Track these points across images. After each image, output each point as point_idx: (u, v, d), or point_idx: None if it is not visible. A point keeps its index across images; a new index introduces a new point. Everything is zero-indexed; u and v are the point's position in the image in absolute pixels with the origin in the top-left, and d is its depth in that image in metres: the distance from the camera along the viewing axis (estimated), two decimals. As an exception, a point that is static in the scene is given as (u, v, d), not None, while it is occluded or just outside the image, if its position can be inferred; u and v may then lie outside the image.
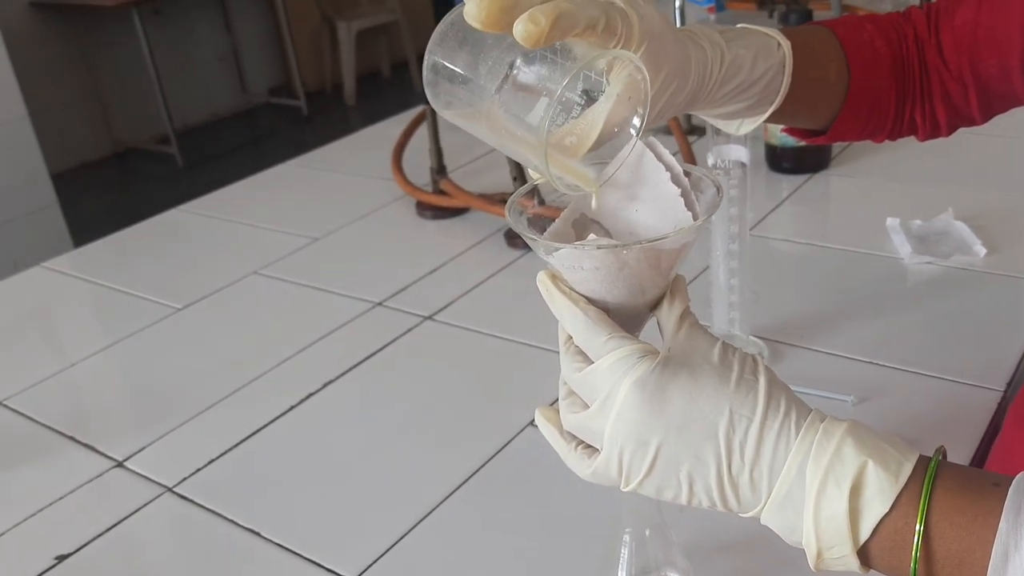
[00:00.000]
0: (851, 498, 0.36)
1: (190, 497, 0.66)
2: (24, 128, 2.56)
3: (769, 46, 0.50)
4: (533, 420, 0.70)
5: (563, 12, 0.37)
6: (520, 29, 0.37)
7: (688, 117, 1.27)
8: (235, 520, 0.63)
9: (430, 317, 0.87)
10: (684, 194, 0.42)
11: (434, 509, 0.62)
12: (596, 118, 0.42)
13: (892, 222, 0.91)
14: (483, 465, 0.66)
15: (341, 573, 0.58)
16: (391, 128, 1.38)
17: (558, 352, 0.78)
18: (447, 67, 0.41)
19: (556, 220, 0.44)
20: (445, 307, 0.89)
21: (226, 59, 4.52)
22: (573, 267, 0.41)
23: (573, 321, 0.41)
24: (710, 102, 0.48)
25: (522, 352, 0.80)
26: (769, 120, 0.53)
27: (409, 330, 0.86)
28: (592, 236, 0.41)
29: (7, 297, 1.04)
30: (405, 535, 0.60)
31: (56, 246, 2.55)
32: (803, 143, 0.60)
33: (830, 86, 0.55)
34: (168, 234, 1.16)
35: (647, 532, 0.50)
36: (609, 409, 0.39)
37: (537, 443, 0.68)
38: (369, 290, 0.94)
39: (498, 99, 0.40)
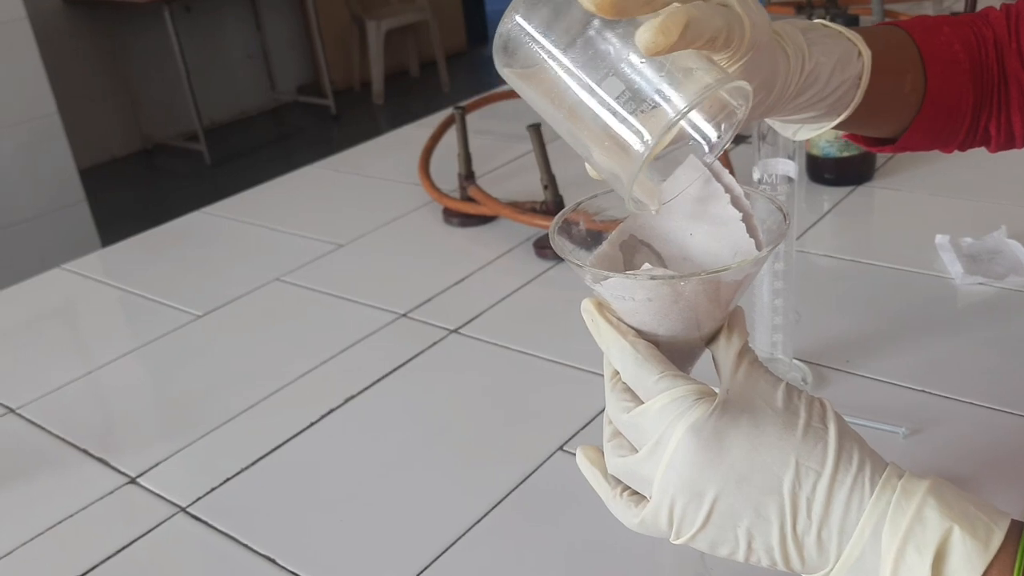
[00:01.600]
0: (934, 567, 0.32)
1: (204, 518, 0.64)
2: (54, 124, 2.56)
3: (849, 55, 0.46)
4: (563, 445, 0.67)
5: (692, 22, 0.34)
6: (647, 38, 0.33)
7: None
8: (250, 545, 0.61)
9: (456, 330, 0.84)
10: (746, 218, 0.39)
11: (457, 540, 0.59)
12: (666, 130, 0.38)
13: (941, 239, 0.87)
14: (510, 493, 0.63)
15: (359, 607, 0.55)
16: (419, 131, 1.35)
17: (591, 372, 0.75)
18: (532, 32, 0.36)
19: (603, 243, 0.41)
20: (472, 320, 0.86)
21: (255, 57, 4.53)
22: (623, 297, 0.37)
23: (621, 356, 0.38)
24: (779, 112, 0.45)
25: (553, 371, 0.76)
26: (832, 128, 0.49)
27: (434, 343, 0.83)
28: (646, 265, 0.38)
29: (25, 300, 1.02)
30: (426, 568, 0.57)
31: (83, 242, 2.55)
32: (845, 154, 0.56)
33: (905, 96, 0.51)
34: (191, 237, 1.14)
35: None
36: (660, 455, 0.35)
37: (568, 471, 0.64)
38: (394, 300, 0.91)
39: (588, 85, 0.36)
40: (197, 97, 3.87)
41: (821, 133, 0.51)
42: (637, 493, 0.38)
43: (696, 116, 0.39)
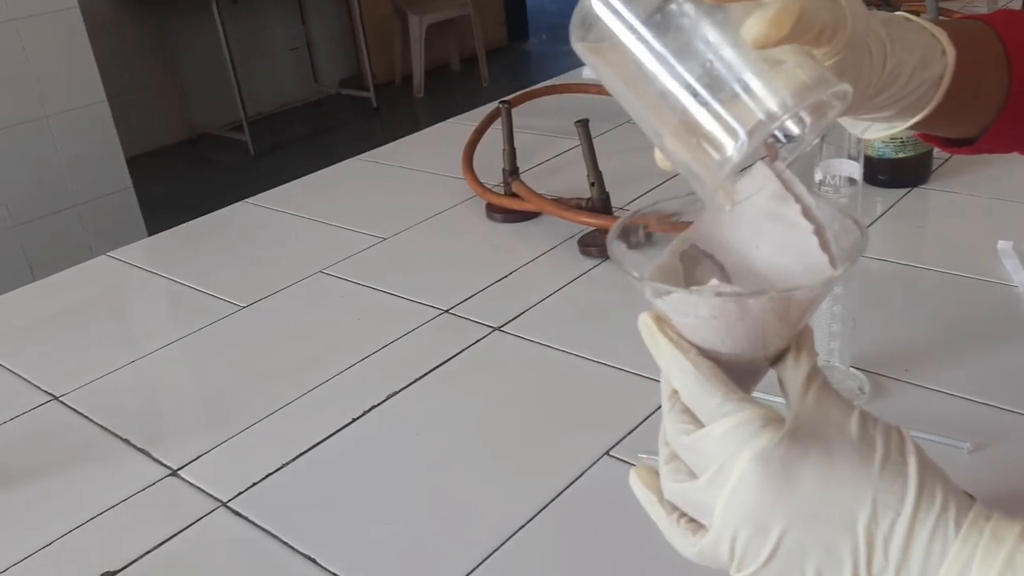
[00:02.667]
0: None
1: (245, 514, 0.63)
2: (103, 112, 2.59)
3: (933, 52, 0.43)
4: (609, 450, 0.66)
5: (803, 15, 0.32)
6: (758, 31, 0.32)
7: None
8: (291, 543, 0.60)
9: (499, 328, 0.83)
10: (819, 232, 0.36)
11: (499, 547, 0.58)
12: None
13: (1004, 245, 0.84)
14: (554, 499, 0.61)
15: (399, 611, 0.54)
16: (461, 126, 1.34)
17: (638, 375, 0.73)
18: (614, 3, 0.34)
19: (664, 252, 0.39)
20: (515, 318, 0.84)
21: (299, 49, 4.55)
22: (684, 313, 0.36)
23: (682, 375, 0.36)
24: (854, 112, 0.42)
25: (598, 372, 0.75)
26: (906, 128, 0.47)
27: (477, 341, 0.81)
28: (713, 281, 0.36)
29: (70, 287, 1.02)
30: (468, 575, 0.56)
31: (129, 230, 2.58)
32: (901, 155, 0.53)
33: (987, 96, 0.48)
34: (235, 227, 1.14)
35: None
36: (722, 484, 0.33)
37: (614, 477, 0.63)
38: (436, 296, 0.89)
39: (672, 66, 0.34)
40: (242, 88, 3.90)
41: (854, 141, 0.48)
42: (695, 521, 0.36)
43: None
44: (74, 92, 2.51)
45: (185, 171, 3.93)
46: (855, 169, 0.61)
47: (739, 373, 0.37)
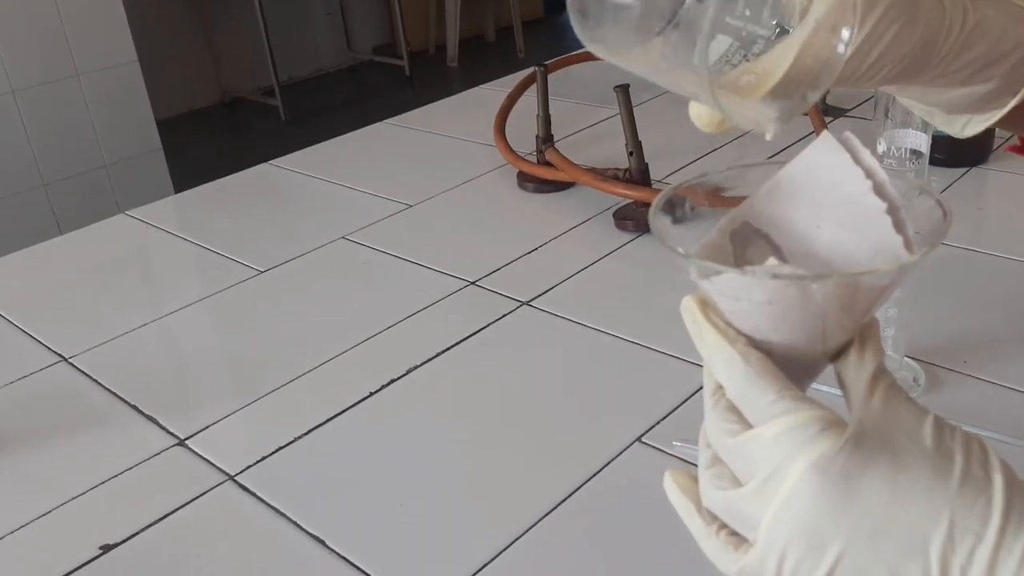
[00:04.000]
0: None
1: (253, 489, 0.60)
2: (133, 72, 2.57)
3: None
4: (641, 436, 0.61)
5: None
6: None
7: (824, 94, 1.14)
8: (299, 523, 0.56)
9: (528, 303, 0.79)
10: (892, 211, 0.32)
11: (523, 534, 0.54)
12: (786, 51, 0.31)
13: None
14: (581, 485, 0.57)
15: (411, 602, 0.50)
16: (495, 92, 1.29)
17: (674, 356, 0.69)
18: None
19: (712, 231, 0.34)
20: (545, 292, 0.80)
21: (334, 15, 4.50)
22: (735, 297, 0.31)
23: (728, 368, 0.31)
24: (943, 73, 0.37)
25: (631, 353, 0.70)
26: (1005, 124, 0.41)
27: (504, 316, 0.77)
28: (771, 261, 0.31)
29: (84, 245, 0.99)
30: (487, 564, 0.52)
31: (159, 191, 2.55)
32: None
33: None
34: (257, 189, 1.10)
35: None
36: (772, 494, 0.29)
37: (646, 464, 0.58)
38: (463, 266, 0.85)
39: (663, 39, 0.31)
40: (275, 53, 3.86)
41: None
42: (738, 534, 0.31)
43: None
44: (105, 52, 2.49)
45: (216, 135, 3.91)
46: (922, 141, 0.56)
47: (793, 368, 0.32)
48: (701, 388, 0.64)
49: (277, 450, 0.63)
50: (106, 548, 0.56)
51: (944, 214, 0.33)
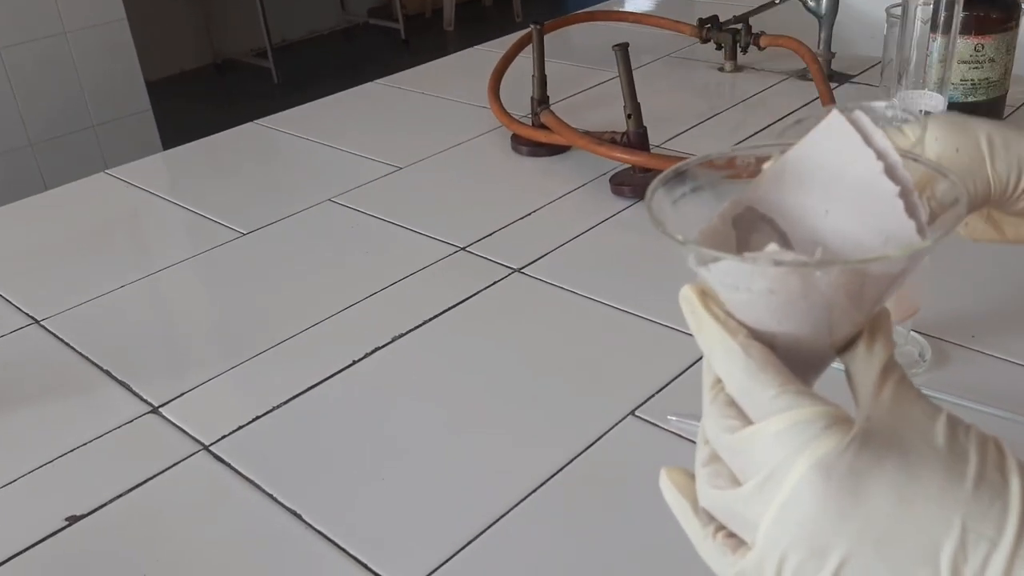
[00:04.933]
0: None
1: (227, 460, 0.57)
2: (122, 30, 2.51)
3: None
4: (635, 410, 0.59)
5: None
6: None
7: (829, 60, 1.11)
8: (275, 496, 0.54)
9: (520, 270, 0.76)
10: (904, 194, 0.29)
11: (511, 509, 0.51)
12: None
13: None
14: (573, 460, 0.55)
15: (390, 581, 0.48)
16: (491, 52, 1.25)
17: (671, 327, 0.66)
18: None
19: (714, 217, 0.32)
20: (538, 259, 0.77)
21: (328, -25, 4.43)
22: (735, 286, 0.29)
23: (728, 361, 0.29)
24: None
25: (626, 323, 0.68)
26: None
27: (495, 283, 0.74)
28: (772, 247, 0.29)
29: (61, 204, 0.96)
30: (473, 540, 0.50)
31: (146, 152, 2.50)
32: (971, 99, 0.46)
33: None
34: (242, 149, 1.07)
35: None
36: (772, 495, 0.27)
37: (640, 439, 0.56)
38: (453, 231, 0.82)
39: None
40: (268, 13, 3.79)
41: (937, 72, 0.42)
42: (735, 536, 0.29)
43: None
44: (93, 9, 2.43)
45: (207, 97, 3.85)
46: (939, 103, 0.53)
47: (797, 362, 0.30)
48: (697, 361, 0.62)
49: (255, 419, 0.60)
50: (72, 519, 0.53)
51: (959, 197, 0.30)
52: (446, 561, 0.48)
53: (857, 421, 0.27)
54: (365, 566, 0.48)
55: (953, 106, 0.91)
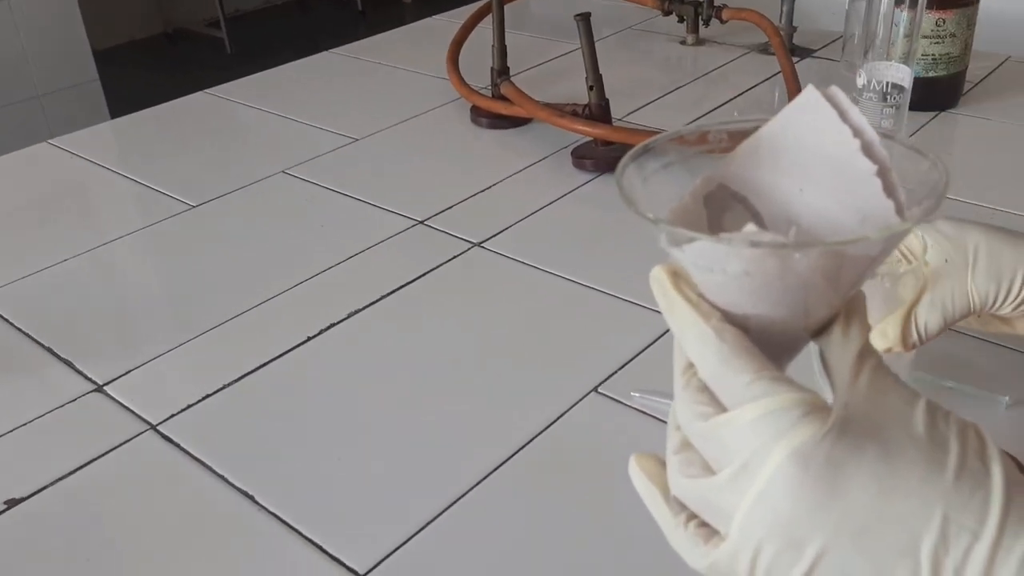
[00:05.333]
0: None
1: (176, 440, 0.55)
2: (67, -1, 2.43)
3: None
4: (598, 386, 0.58)
5: None
6: None
7: (791, 34, 1.10)
8: (226, 477, 0.52)
9: (480, 244, 0.74)
10: (882, 173, 0.28)
11: (471, 489, 0.50)
12: None
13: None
14: (534, 437, 0.53)
15: (348, 564, 0.46)
16: (451, 22, 1.22)
17: (634, 303, 0.65)
18: None
19: (685, 195, 0.30)
20: (498, 233, 0.75)
21: (283, -57, 4.33)
22: (709, 268, 0.27)
23: (700, 345, 0.28)
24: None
25: (588, 298, 0.66)
26: None
27: (454, 257, 0.72)
28: (750, 227, 0.27)
29: (4, 175, 0.92)
30: (429, 523, 0.48)
31: (93, 123, 2.43)
32: (932, 74, 0.46)
33: None
34: (192, 119, 1.03)
35: None
36: (747, 485, 0.26)
37: (603, 416, 0.55)
38: (410, 205, 0.80)
39: None
40: (221, -19, 3.70)
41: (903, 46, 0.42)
42: (708, 526, 0.28)
43: None
44: (37, -26, 2.34)
45: (157, 67, 3.75)
46: (905, 75, 0.52)
47: (770, 345, 0.29)
48: (662, 336, 0.61)
49: (204, 398, 0.58)
50: (11, 503, 0.51)
51: (941, 176, 0.29)
52: (405, 542, 0.47)
53: (834, 409, 0.26)
54: (320, 548, 0.47)
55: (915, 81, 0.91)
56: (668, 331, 0.60)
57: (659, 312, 0.30)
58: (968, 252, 0.45)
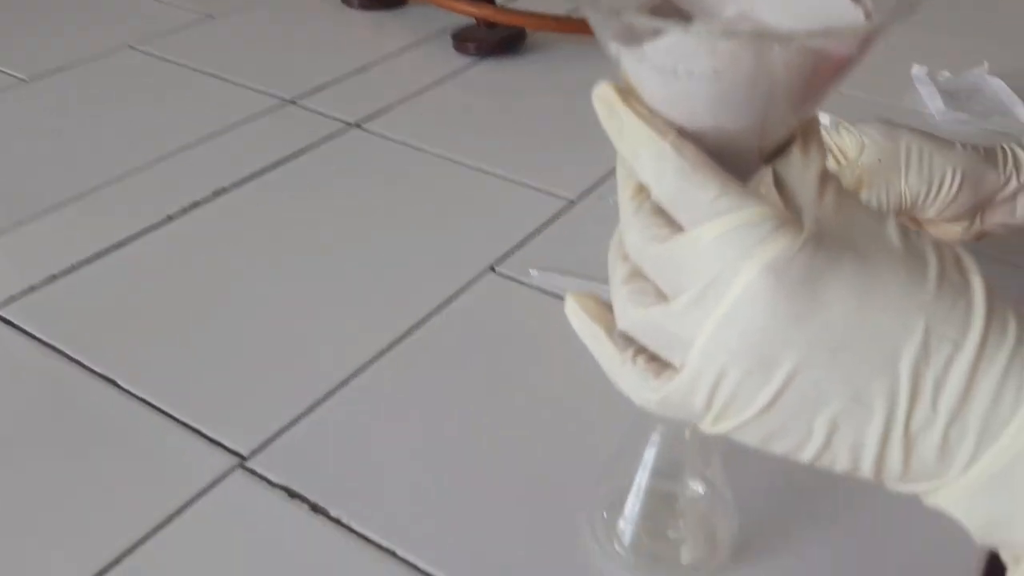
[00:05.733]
0: None
1: (22, 326, 0.48)
2: None
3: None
4: (494, 265, 0.55)
5: None
6: None
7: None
8: (81, 360, 0.46)
9: (357, 124, 0.69)
10: None
11: (364, 367, 0.46)
12: None
13: (918, 71, 0.77)
14: (429, 316, 0.50)
15: (230, 447, 0.42)
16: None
17: (525, 184, 0.62)
18: None
19: (628, 8, 0.27)
20: (376, 114, 0.70)
21: None
22: (673, 71, 0.24)
23: (657, 163, 0.25)
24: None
25: (478, 180, 0.63)
26: None
27: (330, 136, 0.67)
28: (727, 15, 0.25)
29: None
30: (326, 398, 0.44)
31: None
32: None
33: None
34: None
35: (687, 434, 0.36)
36: (711, 306, 0.23)
37: (499, 294, 0.52)
38: (278, 82, 0.74)
39: None
40: None
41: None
42: (659, 359, 0.26)
43: None
44: None
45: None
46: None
47: (724, 167, 0.26)
48: (557, 217, 0.58)
49: (52, 278, 0.51)
50: None
51: None
52: (292, 423, 0.43)
53: (806, 222, 0.24)
54: (199, 432, 0.42)
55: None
56: (563, 213, 0.58)
57: (555, 195, 0.27)
58: (900, 154, 0.48)
